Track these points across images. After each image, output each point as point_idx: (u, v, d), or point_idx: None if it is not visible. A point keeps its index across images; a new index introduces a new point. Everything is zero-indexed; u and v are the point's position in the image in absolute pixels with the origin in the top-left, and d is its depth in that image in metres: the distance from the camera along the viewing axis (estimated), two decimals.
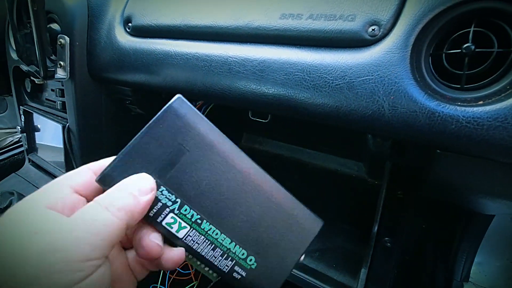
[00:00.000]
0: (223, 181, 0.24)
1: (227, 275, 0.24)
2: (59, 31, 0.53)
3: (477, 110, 0.26)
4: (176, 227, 0.23)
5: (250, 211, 0.25)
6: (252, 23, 0.37)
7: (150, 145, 0.23)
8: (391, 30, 0.30)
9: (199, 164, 0.24)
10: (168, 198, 0.23)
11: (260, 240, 0.25)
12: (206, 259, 0.24)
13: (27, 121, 0.71)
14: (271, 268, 0.25)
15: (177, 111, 0.23)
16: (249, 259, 0.25)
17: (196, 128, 0.23)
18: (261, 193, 0.25)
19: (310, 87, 0.33)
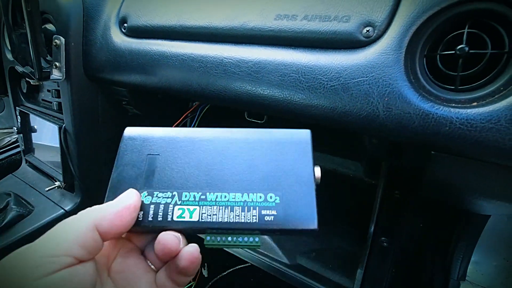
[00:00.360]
0: (200, 155, 0.26)
1: (260, 224, 0.23)
2: (54, 31, 0.52)
3: (470, 111, 0.26)
4: (187, 214, 0.24)
5: (238, 162, 0.26)
6: (247, 24, 0.37)
7: (125, 171, 0.26)
8: (385, 32, 0.30)
9: (173, 157, 0.26)
10: (165, 197, 0.24)
11: (266, 178, 0.25)
12: (231, 223, 0.23)
13: (23, 122, 0.71)
14: (295, 192, 0.24)
15: (130, 136, 0.27)
16: (269, 197, 0.24)
17: (153, 136, 0.27)
18: (236, 142, 0.26)
19: (305, 88, 0.33)
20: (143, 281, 0.24)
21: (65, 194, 0.64)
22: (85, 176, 0.62)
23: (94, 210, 0.22)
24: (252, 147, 0.26)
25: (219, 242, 0.24)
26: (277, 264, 0.42)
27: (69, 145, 0.59)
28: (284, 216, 0.23)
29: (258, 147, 0.26)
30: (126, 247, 0.25)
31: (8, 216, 0.57)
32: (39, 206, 0.62)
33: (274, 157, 0.26)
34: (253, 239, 0.24)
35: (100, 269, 0.23)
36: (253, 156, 0.26)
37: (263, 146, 0.26)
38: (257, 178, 0.25)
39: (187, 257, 0.22)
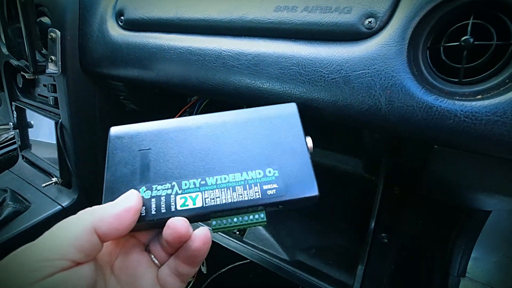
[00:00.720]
0: (192, 143, 0.26)
1: (263, 199, 0.24)
2: (49, 24, 0.51)
3: (475, 104, 0.25)
4: (190, 202, 0.24)
5: (231, 143, 0.26)
6: (246, 16, 0.36)
7: (118, 170, 0.26)
8: (388, 23, 0.29)
9: (165, 149, 0.26)
10: (165, 189, 0.24)
11: (262, 154, 0.25)
12: (236, 203, 0.24)
13: (19, 117, 0.70)
14: (292, 164, 0.25)
15: (117, 135, 0.27)
16: (267, 171, 0.25)
17: (141, 131, 0.27)
18: (226, 125, 0.27)
19: (305, 81, 0.33)
20: (146, 277, 0.24)
21: (62, 190, 0.64)
22: (82, 172, 0.61)
23: (93, 211, 0.21)
24: (242, 127, 0.26)
25: (226, 224, 0.24)
26: (277, 260, 0.42)
27: (65, 140, 0.59)
28: (285, 187, 0.24)
29: (248, 126, 0.27)
30: (129, 243, 0.25)
31: (4, 212, 0.56)
32: (36, 202, 0.61)
33: (265, 133, 0.26)
34: (258, 216, 0.24)
35: (103, 267, 0.23)
36: (245, 135, 0.26)
37: (252, 124, 0.27)
38: (253, 155, 0.25)
39: (200, 238, 0.22)
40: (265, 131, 0.26)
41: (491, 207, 0.44)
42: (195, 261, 0.23)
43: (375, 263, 0.42)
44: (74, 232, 0.19)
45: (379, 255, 0.43)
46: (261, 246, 0.46)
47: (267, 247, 0.46)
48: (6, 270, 0.18)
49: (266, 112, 0.27)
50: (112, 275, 0.23)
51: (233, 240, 0.47)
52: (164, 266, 0.24)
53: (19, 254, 0.18)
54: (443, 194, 0.41)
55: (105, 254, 0.23)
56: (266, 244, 0.46)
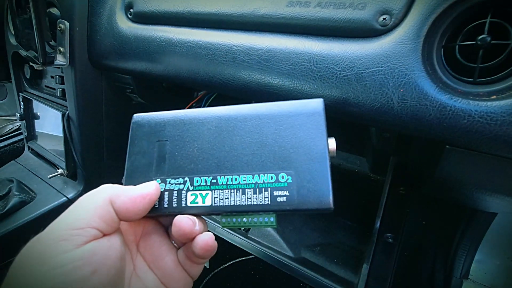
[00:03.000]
0: (206, 137, 0.26)
1: (272, 205, 0.23)
2: (58, 15, 0.51)
3: (490, 104, 0.25)
4: (200, 199, 0.24)
5: (246, 141, 0.25)
6: (257, 10, 0.36)
7: (137, 160, 0.26)
8: (403, 20, 0.29)
9: (181, 141, 0.26)
10: (177, 183, 0.25)
11: (277, 156, 0.24)
12: (244, 206, 0.23)
13: (26, 108, 0.70)
14: (308, 170, 0.23)
15: (138, 124, 0.27)
16: (280, 177, 0.23)
17: (160, 122, 0.27)
18: (243, 120, 0.26)
19: (317, 78, 0.32)
20: (168, 258, 0.25)
21: (68, 182, 0.64)
22: (87, 164, 0.61)
23: (113, 187, 0.23)
24: (260, 123, 0.25)
25: (235, 223, 0.24)
26: (282, 257, 0.42)
27: (72, 132, 0.59)
28: (297, 196, 0.23)
29: (267, 122, 0.25)
30: (150, 224, 0.26)
31: (10, 202, 0.57)
32: (42, 193, 0.61)
33: (284, 132, 0.25)
34: (268, 219, 0.24)
35: (129, 244, 0.24)
36: (262, 132, 0.25)
37: (272, 121, 0.25)
38: (268, 156, 0.24)
39: (202, 245, 0.23)
40: (285, 129, 0.25)
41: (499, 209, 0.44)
42: (202, 258, 0.24)
43: (380, 262, 0.42)
44: (95, 203, 0.21)
45: (384, 255, 0.43)
46: (266, 243, 0.46)
47: (272, 244, 0.46)
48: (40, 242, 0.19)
49: (288, 108, 0.25)
50: (138, 253, 0.25)
51: (238, 235, 0.47)
52: (180, 250, 0.26)
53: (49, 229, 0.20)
54: (450, 194, 0.41)
55: (130, 233, 0.25)
56: (271, 240, 0.46)
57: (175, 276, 0.25)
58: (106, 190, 0.22)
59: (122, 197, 0.22)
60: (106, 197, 0.22)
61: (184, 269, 0.25)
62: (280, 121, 0.25)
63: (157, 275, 0.24)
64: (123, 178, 0.26)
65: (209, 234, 0.23)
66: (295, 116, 0.25)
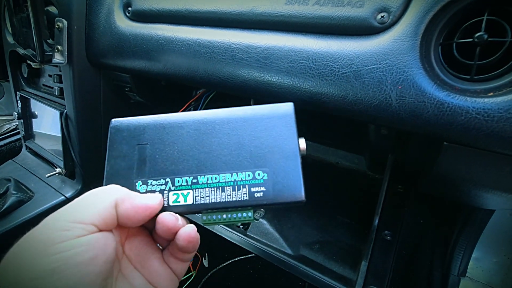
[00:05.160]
0: (186, 139, 0.27)
1: (250, 200, 0.25)
2: (56, 14, 0.51)
3: (487, 101, 0.25)
4: (182, 198, 0.25)
5: (224, 142, 0.26)
6: (256, 8, 0.36)
7: (117, 164, 0.27)
8: (400, 18, 0.29)
9: (161, 144, 0.27)
10: (159, 184, 0.26)
11: (253, 155, 0.26)
12: (224, 203, 0.25)
13: (24, 107, 0.70)
14: (282, 167, 0.25)
15: (117, 128, 0.28)
16: (257, 174, 0.25)
17: (139, 126, 0.28)
18: (221, 123, 0.27)
19: (315, 75, 0.32)
20: (154, 257, 0.26)
21: (66, 181, 0.64)
22: (86, 163, 0.61)
23: (118, 189, 0.24)
24: (236, 126, 0.27)
25: (215, 220, 0.25)
26: (281, 254, 0.42)
27: (70, 131, 0.59)
28: (273, 191, 0.25)
29: (243, 125, 0.27)
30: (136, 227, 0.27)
31: (8, 202, 0.57)
32: (39, 192, 0.61)
33: (259, 133, 0.26)
34: (246, 214, 0.25)
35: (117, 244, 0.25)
36: (239, 134, 0.27)
37: (247, 123, 0.27)
38: (245, 156, 0.26)
39: (184, 237, 0.24)
40: (260, 131, 0.27)
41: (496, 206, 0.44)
42: (187, 252, 0.25)
43: (378, 259, 0.42)
44: (101, 203, 0.22)
45: (382, 252, 0.43)
46: (265, 240, 0.46)
47: (271, 242, 0.46)
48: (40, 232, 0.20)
49: (262, 111, 0.27)
50: (124, 254, 0.25)
51: (237, 234, 0.47)
52: (166, 250, 0.27)
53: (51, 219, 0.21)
54: (448, 192, 0.41)
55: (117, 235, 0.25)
56: (270, 238, 0.46)
57: (161, 275, 0.25)
58: (113, 192, 0.23)
59: (126, 204, 0.23)
60: (113, 200, 0.22)
61: (170, 268, 0.26)
62: (255, 124, 0.27)
63: (143, 275, 0.25)
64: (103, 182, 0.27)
65: (191, 226, 0.25)
66: (268, 119, 0.27)
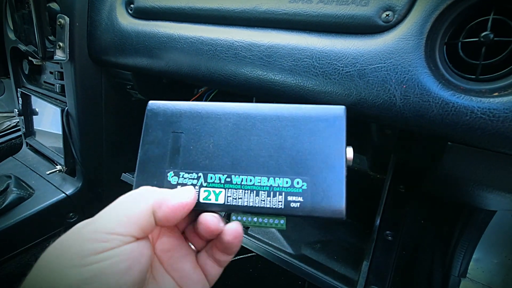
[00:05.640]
0: (223, 133, 0.25)
1: (285, 210, 0.23)
2: (58, 10, 0.51)
3: (493, 101, 0.25)
4: (213, 197, 0.24)
5: (264, 142, 0.24)
6: (260, 6, 0.36)
7: (151, 150, 0.25)
8: (406, 16, 0.29)
9: (196, 135, 0.25)
10: (191, 178, 0.24)
11: (294, 160, 0.24)
12: (256, 208, 0.23)
13: (24, 104, 0.70)
14: (324, 178, 0.23)
15: (154, 112, 0.26)
16: (295, 182, 0.23)
17: (176, 112, 0.26)
18: (263, 120, 0.25)
19: (319, 74, 0.32)
20: (187, 260, 0.25)
21: (66, 178, 0.64)
22: (86, 160, 0.61)
23: (154, 192, 0.22)
24: (280, 125, 0.25)
25: (245, 222, 0.24)
26: (282, 254, 0.42)
27: (71, 128, 0.58)
28: (311, 203, 0.23)
29: (288, 125, 0.25)
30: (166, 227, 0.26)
31: (8, 199, 0.56)
32: (40, 189, 0.61)
33: (304, 136, 0.24)
34: (278, 221, 0.24)
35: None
36: (282, 135, 0.24)
37: (293, 124, 0.25)
38: (285, 160, 0.24)
39: (231, 233, 0.23)
40: (305, 134, 0.24)
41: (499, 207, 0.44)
42: (230, 251, 0.24)
43: (380, 259, 0.42)
44: (138, 211, 0.21)
45: (383, 252, 0.43)
46: (265, 239, 0.46)
47: (272, 241, 0.46)
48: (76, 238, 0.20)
49: (310, 113, 0.25)
50: (155, 255, 0.25)
51: None
52: (202, 251, 0.26)
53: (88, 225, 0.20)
54: (451, 192, 0.41)
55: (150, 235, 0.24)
56: (271, 237, 0.46)
57: (193, 279, 0.24)
58: (149, 196, 0.22)
59: (164, 207, 0.22)
60: (149, 206, 0.21)
61: (203, 271, 0.25)
62: (300, 125, 0.24)
63: (174, 277, 0.24)
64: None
65: (237, 222, 0.24)
66: (315, 122, 0.24)
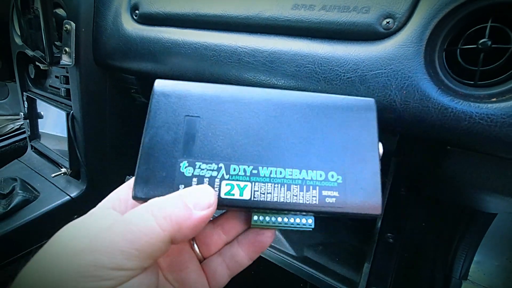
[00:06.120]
0: (250, 119, 0.22)
1: (320, 206, 0.21)
2: (64, 16, 0.52)
3: (491, 106, 0.26)
4: (237, 191, 0.21)
5: (296, 130, 0.22)
6: (263, 13, 0.37)
7: (159, 135, 0.21)
8: (406, 24, 0.29)
9: (216, 120, 0.22)
10: (210, 170, 0.21)
11: (328, 152, 0.22)
12: (289, 204, 0.21)
13: (30, 108, 0.71)
14: (359, 172, 0.21)
15: (163, 93, 0.22)
16: (330, 175, 0.21)
17: (191, 93, 0.22)
18: (294, 107, 0.23)
19: (321, 79, 0.33)
20: (191, 266, 0.23)
21: (71, 181, 0.64)
22: (91, 163, 0.62)
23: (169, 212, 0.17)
24: (311, 114, 0.22)
25: (268, 222, 0.21)
26: (284, 255, 0.42)
27: (76, 131, 0.59)
28: (347, 199, 0.21)
29: (319, 114, 0.22)
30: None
31: (14, 201, 0.57)
32: (45, 192, 0.62)
33: (337, 127, 0.22)
34: (306, 221, 0.22)
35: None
36: (313, 124, 0.22)
37: (324, 113, 0.22)
38: (317, 152, 0.22)
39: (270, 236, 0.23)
40: (337, 124, 0.22)
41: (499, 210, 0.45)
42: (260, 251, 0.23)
43: (381, 261, 0.42)
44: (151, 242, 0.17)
45: (385, 254, 0.44)
46: None
47: (274, 242, 0.46)
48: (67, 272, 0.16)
49: (342, 102, 0.23)
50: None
51: None
52: (216, 255, 0.23)
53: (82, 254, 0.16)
54: (451, 195, 0.41)
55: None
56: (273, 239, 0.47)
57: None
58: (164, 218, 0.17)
59: (184, 229, 0.17)
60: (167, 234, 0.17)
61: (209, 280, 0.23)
62: (332, 116, 0.23)
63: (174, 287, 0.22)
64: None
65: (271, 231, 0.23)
66: (348, 112, 0.23)
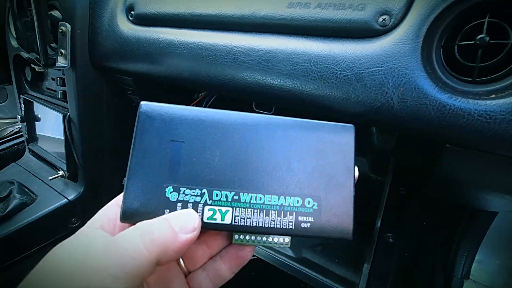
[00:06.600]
0: (232, 146, 0.23)
1: (296, 230, 0.22)
2: (60, 18, 0.52)
3: (490, 103, 0.25)
4: (219, 216, 0.22)
5: (276, 157, 0.23)
6: (258, 12, 0.36)
7: (146, 159, 0.22)
8: (402, 20, 0.29)
9: (200, 146, 0.23)
10: (193, 195, 0.22)
11: (305, 179, 0.23)
12: (266, 228, 0.22)
13: (27, 110, 0.70)
14: (334, 198, 0.23)
15: (148, 115, 0.22)
16: (306, 202, 0.23)
17: (174, 118, 0.23)
18: (274, 134, 0.23)
19: (317, 78, 0.33)
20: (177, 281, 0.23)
21: (68, 184, 0.64)
22: (88, 166, 0.61)
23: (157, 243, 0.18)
24: (292, 139, 0.24)
25: (248, 240, 0.23)
26: (283, 257, 0.42)
27: (73, 133, 0.59)
28: (321, 224, 0.22)
29: (299, 141, 0.24)
30: None
31: (11, 204, 0.57)
32: (42, 194, 0.61)
33: (316, 153, 0.23)
34: (283, 240, 0.23)
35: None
36: (292, 151, 0.23)
37: (304, 140, 0.24)
38: (296, 178, 0.23)
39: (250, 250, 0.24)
40: (315, 152, 0.24)
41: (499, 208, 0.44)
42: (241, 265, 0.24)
43: (381, 262, 0.42)
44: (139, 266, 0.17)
45: (384, 254, 0.43)
46: None
47: None
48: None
49: (320, 129, 0.24)
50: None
51: None
52: (201, 270, 0.24)
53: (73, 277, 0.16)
54: (450, 194, 0.41)
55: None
56: None
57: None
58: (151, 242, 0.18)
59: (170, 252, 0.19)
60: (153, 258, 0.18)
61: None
62: (312, 142, 0.24)
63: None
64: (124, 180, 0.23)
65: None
66: (325, 139, 0.24)
